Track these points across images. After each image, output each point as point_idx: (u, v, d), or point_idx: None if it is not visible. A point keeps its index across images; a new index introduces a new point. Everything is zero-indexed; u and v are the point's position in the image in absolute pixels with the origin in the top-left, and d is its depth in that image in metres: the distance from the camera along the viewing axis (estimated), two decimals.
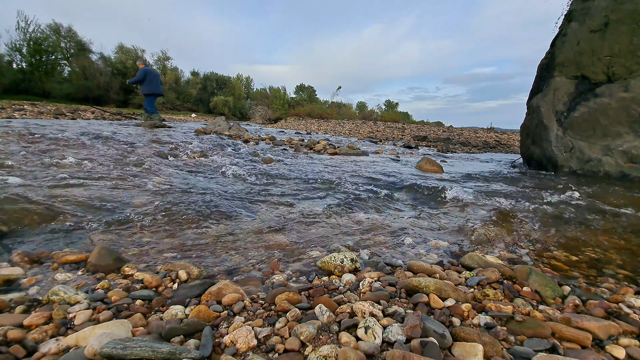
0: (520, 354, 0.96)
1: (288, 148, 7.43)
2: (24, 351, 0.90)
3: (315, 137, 11.97)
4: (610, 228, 2.50)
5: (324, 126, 18.80)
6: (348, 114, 32.14)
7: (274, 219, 2.49)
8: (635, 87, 4.53)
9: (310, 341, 0.99)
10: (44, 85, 27.02)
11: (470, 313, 1.19)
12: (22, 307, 1.14)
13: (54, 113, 12.07)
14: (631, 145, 4.51)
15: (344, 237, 2.18)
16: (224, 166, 4.38)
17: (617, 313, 1.21)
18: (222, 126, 9.63)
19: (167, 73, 36.17)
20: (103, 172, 3.36)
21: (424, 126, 21.72)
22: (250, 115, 36.14)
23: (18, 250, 1.61)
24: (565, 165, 5.04)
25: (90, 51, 31.94)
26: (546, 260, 1.93)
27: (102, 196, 2.59)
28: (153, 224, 2.16)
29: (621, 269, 1.80)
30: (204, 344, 0.96)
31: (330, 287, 1.41)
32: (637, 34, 4.50)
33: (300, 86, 43.00)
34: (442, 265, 1.73)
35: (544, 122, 5.30)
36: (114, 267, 1.52)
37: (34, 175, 2.97)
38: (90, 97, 27.67)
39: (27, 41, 26.93)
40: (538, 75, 5.99)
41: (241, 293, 1.32)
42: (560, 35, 5.48)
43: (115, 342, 0.86)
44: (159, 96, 9.66)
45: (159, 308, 1.23)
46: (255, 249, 1.90)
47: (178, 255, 1.77)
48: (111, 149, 4.71)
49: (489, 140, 13.83)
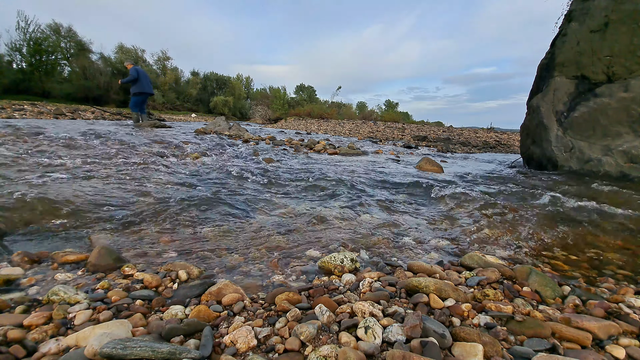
0: (520, 354, 0.96)
1: (288, 148, 7.43)
2: (24, 351, 0.90)
3: (315, 137, 11.97)
4: (610, 228, 2.50)
5: (324, 126, 18.80)
6: (348, 114, 32.13)
7: (274, 219, 2.49)
8: (635, 87, 4.52)
9: (310, 341, 0.99)
10: (44, 85, 27.00)
11: (470, 313, 1.19)
12: (22, 307, 1.14)
13: (54, 113, 12.08)
14: (631, 145, 4.51)
15: (344, 237, 2.18)
16: (223, 166, 4.38)
17: (617, 313, 1.21)
18: (222, 126, 9.64)
19: (167, 73, 36.18)
20: (103, 172, 3.36)
21: (424, 126, 21.72)
22: (250, 115, 36.16)
23: (18, 250, 1.61)
24: (565, 165, 5.03)
25: (90, 51, 31.93)
26: (546, 260, 1.93)
27: (102, 196, 2.59)
28: (153, 224, 2.16)
29: (621, 269, 1.80)
30: (204, 344, 0.96)
31: (330, 287, 1.41)
32: (637, 34, 4.50)
33: (300, 86, 42.98)
34: (442, 265, 1.73)
35: (544, 122, 5.30)
36: (114, 267, 1.53)
37: (34, 175, 2.97)
38: (90, 97, 27.67)
39: (27, 41, 26.91)
40: (538, 75, 5.99)
41: (241, 293, 1.32)
42: (560, 35, 5.48)
43: (115, 342, 0.86)
44: (149, 96, 9.57)
45: (159, 308, 1.23)
46: (255, 249, 1.90)
47: (178, 255, 1.77)
48: (111, 149, 4.71)
49: (489, 140, 13.83)
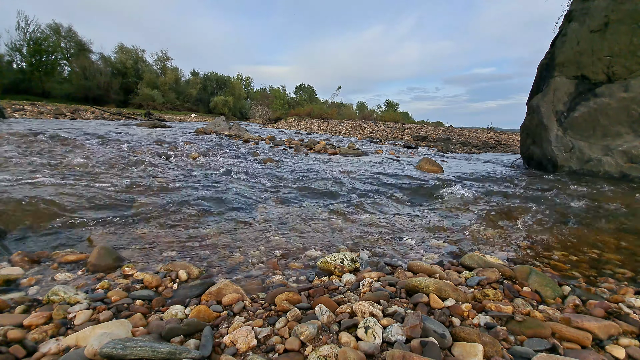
0: (520, 354, 0.96)
1: (288, 148, 7.43)
2: (24, 351, 0.90)
3: (315, 137, 11.97)
4: (610, 228, 2.50)
5: (324, 126, 18.80)
6: (348, 114, 32.15)
7: (274, 218, 2.49)
8: (635, 87, 4.52)
9: (310, 341, 0.99)
10: (44, 85, 27.03)
11: (470, 313, 1.19)
12: (22, 307, 1.14)
13: (54, 113, 12.07)
14: (631, 145, 4.51)
15: (344, 237, 2.18)
16: (223, 166, 4.38)
17: (617, 313, 1.21)
18: (222, 126, 9.64)
19: (167, 73, 36.21)
20: (103, 172, 3.36)
21: (424, 126, 21.72)
22: (250, 115, 36.17)
23: (18, 250, 1.61)
24: (565, 165, 5.03)
25: (90, 51, 31.99)
26: (546, 260, 1.93)
27: (102, 196, 2.59)
28: (153, 224, 2.16)
29: (621, 269, 1.80)
30: (204, 344, 0.96)
31: (330, 287, 1.41)
32: (637, 34, 4.50)
33: (300, 86, 43.00)
34: (442, 265, 1.73)
35: (544, 122, 5.30)
36: (114, 267, 1.53)
37: (34, 176, 2.96)
38: (90, 97, 27.70)
39: (27, 41, 26.94)
40: (538, 75, 5.99)
41: (241, 293, 1.32)
42: (560, 35, 5.48)
43: (115, 342, 0.86)
44: None
45: (159, 308, 1.23)
46: (255, 249, 1.90)
47: (178, 255, 1.77)
48: (111, 149, 4.71)
49: (489, 140, 13.83)
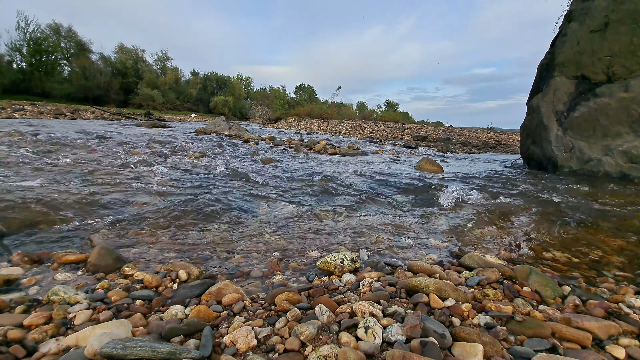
0: (520, 354, 0.96)
1: (288, 148, 7.43)
2: (24, 351, 0.90)
3: (315, 137, 11.97)
4: (610, 228, 2.50)
5: (324, 126, 18.80)
6: (348, 114, 32.16)
7: (274, 218, 2.49)
8: (635, 87, 4.52)
9: (310, 341, 0.99)
10: (44, 85, 27.03)
11: (470, 313, 1.19)
12: (22, 307, 1.14)
13: (54, 113, 12.08)
14: (631, 145, 4.51)
15: (344, 237, 2.18)
16: (224, 166, 4.38)
17: (617, 313, 1.21)
18: (222, 126, 9.64)
19: (167, 73, 36.22)
20: (103, 172, 3.36)
21: (424, 126, 21.72)
22: (250, 115, 36.19)
23: (18, 250, 1.61)
24: (565, 166, 5.03)
25: (90, 51, 32.02)
26: (546, 260, 1.93)
27: (102, 196, 2.59)
28: (153, 224, 2.16)
29: (621, 269, 1.80)
30: (204, 344, 0.96)
31: (330, 287, 1.41)
32: (637, 34, 4.50)
33: (300, 86, 43.00)
34: (442, 265, 1.73)
35: (544, 122, 5.30)
36: (114, 267, 1.53)
37: (34, 176, 2.96)
38: (90, 97, 27.70)
39: (27, 41, 26.96)
40: (538, 75, 5.98)
41: (241, 293, 1.32)
42: (560, 35, 5.48)
43: (115, 342, 0.86)
44: None
45: (159, 308, 1.23)
46: (255, 249, 1.90)
47: (178, 255, 1.77)
48: (111, 149, 4.71)
49: (489, 141, 13.83)
